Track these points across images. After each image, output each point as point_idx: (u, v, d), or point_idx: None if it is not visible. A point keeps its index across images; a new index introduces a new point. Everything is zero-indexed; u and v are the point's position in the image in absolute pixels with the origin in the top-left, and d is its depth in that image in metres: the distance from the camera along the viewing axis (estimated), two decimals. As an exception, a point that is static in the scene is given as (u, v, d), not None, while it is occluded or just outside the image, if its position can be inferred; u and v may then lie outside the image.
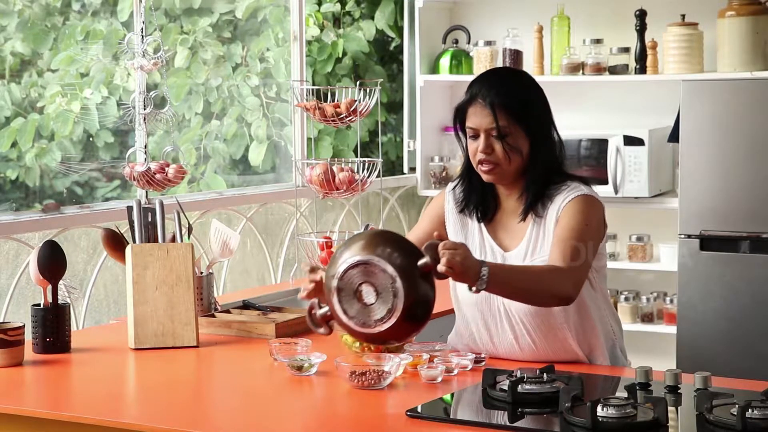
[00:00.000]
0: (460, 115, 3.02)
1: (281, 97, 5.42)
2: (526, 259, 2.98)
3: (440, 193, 3.19)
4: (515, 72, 3.18)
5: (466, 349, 3.03)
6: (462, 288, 3.03)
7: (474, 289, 2.69)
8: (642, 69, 5.07)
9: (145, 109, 4.07)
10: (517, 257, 3.00)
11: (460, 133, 3.05)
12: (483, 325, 3.05)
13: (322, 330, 2.65)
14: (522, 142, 2.97)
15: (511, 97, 2.97)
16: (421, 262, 2.57)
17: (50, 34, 4.77)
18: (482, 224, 3.07)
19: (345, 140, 5.70)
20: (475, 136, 2.99)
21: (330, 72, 5.70)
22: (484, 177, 3.00)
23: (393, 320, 2.53)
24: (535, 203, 2.99)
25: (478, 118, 2.97)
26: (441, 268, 2.59)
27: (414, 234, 3.16)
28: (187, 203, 4.20)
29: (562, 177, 3.04)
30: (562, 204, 2.97)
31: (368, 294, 2.55)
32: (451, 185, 3.17)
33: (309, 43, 5.57)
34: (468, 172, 3.07)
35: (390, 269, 2.52)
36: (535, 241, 2.99)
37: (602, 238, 3.03)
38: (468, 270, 2.65)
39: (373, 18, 5.88)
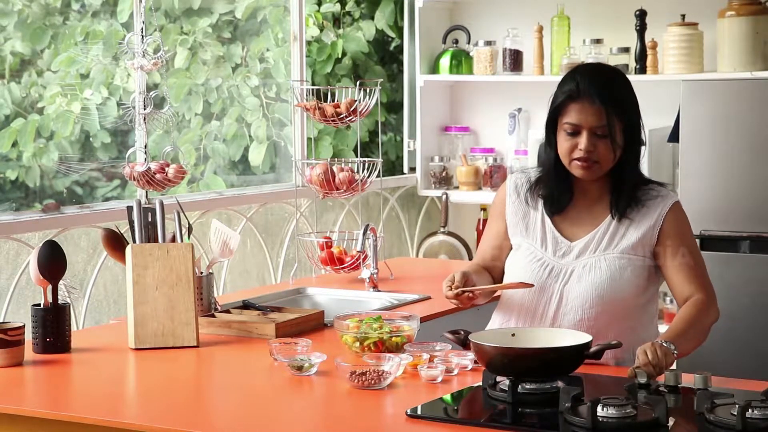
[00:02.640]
0: (559, 109, 2.98)
1: (281, 98, 5.42)
2: (597, 251, 2.99)
3: (500, 189, 3.21)
4: (615, 71, 3.12)
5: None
6: (515, 269, 3.06)
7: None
8: (642, 69, 5.07)
9: (145, 109, 4.07)
10: (585, 246, 3.01)
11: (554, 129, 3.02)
12: (530, 309, 3.04)
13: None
14: (621, 140, 2.96)
15: (618, 95, 2.97)
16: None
17: (50, 33, 4.77)
18: (545, 214, 3.07)
19: (345, 140, 5.70)
20: (576, 133, 2.96)
21: (330, 72, 5.70)
22: (579, 173, 2.98)
23: None
24: (627, 202, 2.99)
25: (583, 114, 2.94)
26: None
27: (487, 234, 3.19)
28: (187, 203, 4.20)
29: (644, 179, 3.06)
30: (663, 210, 3.00)
31: None
32: (513, 178, 3.16)
33: (309, 43, 5.56)
34: (555, 168, 3.04)
35: None
36: (612, 237, 3.00)
37: None
38: (669, 364, 2.75)
39: (373, 18, 5.88)
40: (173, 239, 3.38)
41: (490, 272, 3.17)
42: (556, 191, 3.05)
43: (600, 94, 2.93)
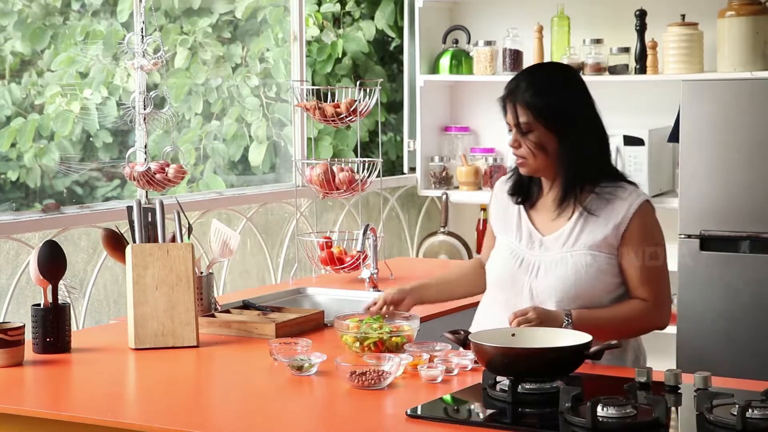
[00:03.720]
0: (503, 108, 3.12)
1: (281, 97, 5.42)
2: (565, 246, 3.04)
3: (491, 194, 3.33)
4: (553, 67, 3.27)
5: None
6: (491, 263, 3.17)
7: None
8: (642, 69, 5.07)
9: (145, 109, 4.07)
10: (555, 242, 3.06)
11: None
12: (504, 304, 3.09)
13: None
14: (546, 139, 3.02)
15: (536, 95, 3.02)
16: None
17: (49, 33, 4.77)
18: (522, 207, 3.15)
19: (345, 140, 5.70)
20: (511, 130, 3.08)
21: (330, 72, 5.70)
22: (520, 169, 3.11)
23: None
24: (568, 199, 3.05)
25: (507, 113, 3.07)
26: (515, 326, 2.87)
27: (486, 238, 3.33)
28: (187, 203, 4.20)
29: (611, 176, 3.09)
30: (629, 211, 3.03)
31: None
32: (500, 180, 3.28)
33: (309, 43, 5.56)
34: None
35: None
36: (579, 233, 3.05)
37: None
38: (549, 326, 2.87)
39: (373, 18, 5.88)
40: (173, 239, 3.38)
41: None
42: (523, 186, 3.15)
43: (516, 93, 3.04)
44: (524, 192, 3.15)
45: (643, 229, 3.05)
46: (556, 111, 3.02)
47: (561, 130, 3.02)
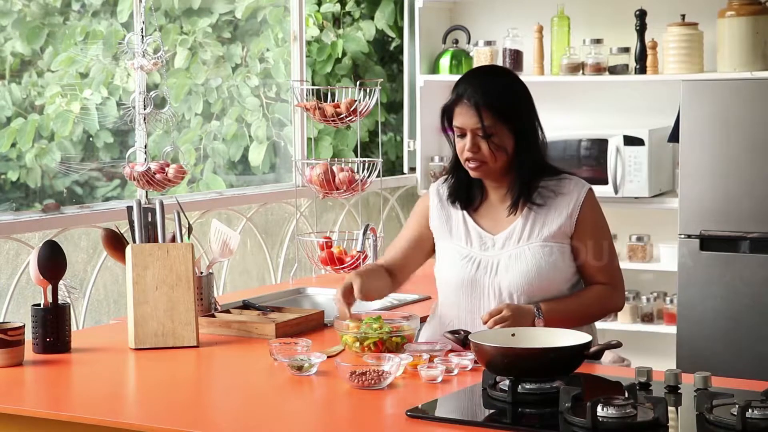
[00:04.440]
0: (447, 113, 3.10)
1: (281, 97, 5.42)
2: (521, 242, 3.08)
3: (423, 196, 3.32)
4: (499, 70, 3.27)
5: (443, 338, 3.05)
6: (444, 272, 3.16)
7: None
8: (642, 69, 5.07)
9: (145, 109, 4.07)
10: (508, 239, 3.09)
11: (448, 131, 3.14)
12: (467, 307, 3.11)
13: None
14: (507, 140, 3.05)
15: (496, 96, 3.05)
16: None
17: (49, 33, 4.77)
18: (466, 213, 3.16)
19: (345, 140, 5.70)
20: (462, 135, 3.07)
21: (330, 72, 5.70)
22: (472, 173, 3.10)
23: None
24: (522, 197, 3.08)
25: (464, 117, 3.05)
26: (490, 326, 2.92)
27: (402, 237, 3.30)
28: (187, 203, 4.20)
29: (553, 170, 3.15)
30: (579, 200, 3.09)
31: None
32: (435, 185, 3.28)
33: (309, 43, 5.57)
34: (455, 167, 3.18)
35: None
36: (532, 227, 3.08)
37: None
38: (522, 322, 2.95)
39: (373, 18, 5.88)
40: (173, 239, 3.38)
41: (393, 274, 3.24)
42: (465, 189, 3.16)
43: (475, 98, 3.02)
44: (466, 196, 3.16)
45: (594, 215, 3.12)
46: (515, 112, 3.06)
47: (519, 131, 3.06)
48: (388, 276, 3.22)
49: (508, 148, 3.05)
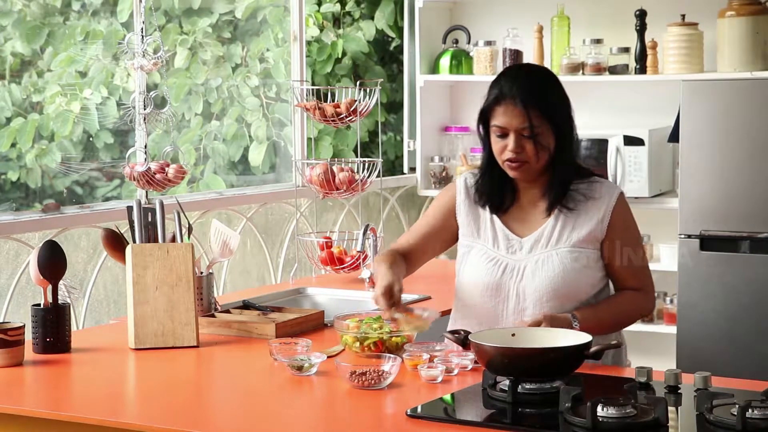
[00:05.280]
0: (485, 113, 3.03)
1: (281, 97, 5.42)
2: (548, 247, 3.03)
3: (450, 186, 3.23)
4: (540, 69, 3.19)
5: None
6: (468, 273, 3.09)
7: None
8: (642, 69, 5.07)
9: (145, 109, 4.07)
10: (535, 243, 3.05)
11: (481, 129, 3.06)
12: (489, 310, 3.06)
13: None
14: (550, 140, 3.00)
15: (543, 95, 3.00)
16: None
17: (49, 32, 4.77)
18: (494, 215, 3.11)
19: (345, 140, 5.70)
20: (503, 135, 3.00)
21: (330, 72, 5.70)
22: (511, 173, 3.04)
23: None
24: (561, 198, 3.04)
25: (508, 117, 2.98)
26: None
27: (423, 224, 3.20)
28: (187, 203, 4.20)
29: (583, 171, 3.10)
30: (610, 204, 3.06)
31: None
32: (463, 177, 3.19)
33: (309, 43, 5.57)
34: (489, 167, 3.09)
35: None
36: (561, 231, 3.04)
37: None
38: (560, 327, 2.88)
39: (373, 18, 5.88)
40: (173, 239, 3.38)
41: (409, 260, 3.17)
42: (497, 190, 3.10)
43: (522, 97, 2.96)
44: (499, 199, 3.11)
45: (626, 219, 3.10)
46: (559, 111, 3.02)
47: (561, 130, 3.01)
48: (404, 263, 3.15)
49: (551, 148, 3.00)
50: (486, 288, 3.07)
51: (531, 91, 2.98)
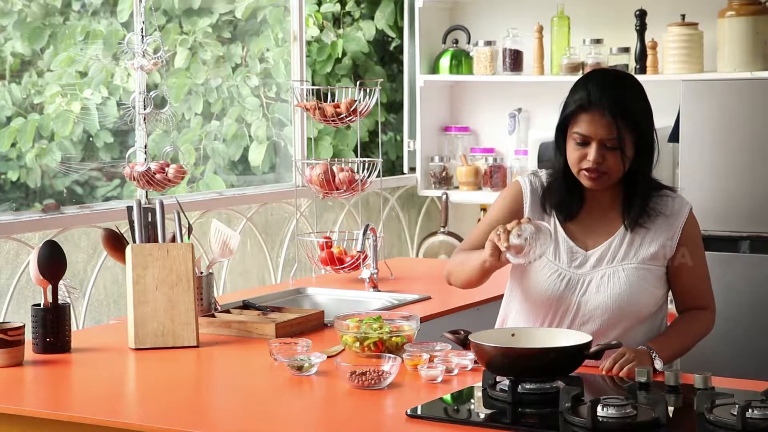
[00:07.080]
0: (567, 119, 2.91)
1: (281, 97, 5.42)
2: (615, 262, 2.94)
3: (513, 184, 3.09)
4: (626, 76, 3.02)
5: None
6: (528, 283, 2.99)
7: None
8: (642, 69, 5.07)
9: (145, 109, 4.07)
10: (600, 257, 2.95)
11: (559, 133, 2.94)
12: (546, 321, 2.99)
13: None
14: (632, 152, 2.89)
15: (630, 105, 2.88)
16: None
17: (49, 32, 4.77)
18: (558, 223, 3.00)
19: (345, 140, 5.70)
20: (585, 143, 2.89)
21: (330, 72, 5.70)
22: (587, 183, 2.92)
23: None
24: (642, 214, 2.94)
25: (594, 126, 2.86)
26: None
27: (491, 221, 3.03)
28: (187, 203, 4.20)
29: (654, 183, 2.99)
30: (681, 221, 2.97)
31: None
32: (527, 178, 3.06)
33: (309, 43, 5.56)
34: (564, 174, 2.97)
35: None
36: (629, 247, 2.95)
37: None
38: (645, 362, 2.83)
39: (373, 18, 5.88)
40: (173, 239, 3.38)
41: None
42: (567, 198, 2.98)
43: (611, 107, 2.84)
44: (569, 207, 2.99)
45: (695, 238, 3.00)
46: (647, 123, 2.91)
47: (644, 143, 2.90)
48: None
49: (631, 161, 2.88)
50: (545, 300, 2.97)
51: (619, 101, 2.85)
